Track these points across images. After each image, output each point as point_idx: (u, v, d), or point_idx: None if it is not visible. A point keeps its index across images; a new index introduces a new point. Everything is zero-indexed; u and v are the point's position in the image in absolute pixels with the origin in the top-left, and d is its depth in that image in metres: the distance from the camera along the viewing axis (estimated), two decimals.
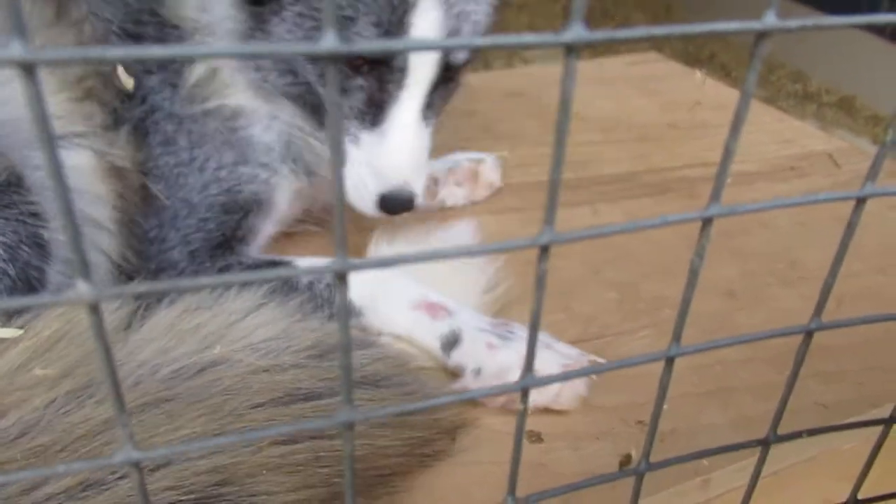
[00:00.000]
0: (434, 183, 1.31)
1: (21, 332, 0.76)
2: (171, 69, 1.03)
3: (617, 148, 1.55)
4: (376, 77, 0.93)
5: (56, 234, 0.88)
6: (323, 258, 1.06)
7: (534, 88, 1.79)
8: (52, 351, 0.73)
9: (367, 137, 0.95)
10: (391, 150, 0.95)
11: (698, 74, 1.95)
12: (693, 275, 0.39)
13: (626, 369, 0.93)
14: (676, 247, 1.18)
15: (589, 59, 2.18)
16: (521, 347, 0.88)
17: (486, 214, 1.31)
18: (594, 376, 0.89)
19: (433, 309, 0.95)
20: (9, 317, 0.79)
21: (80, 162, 0.96)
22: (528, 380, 0.42)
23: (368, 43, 0.40)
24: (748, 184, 1.43)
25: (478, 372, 0.90)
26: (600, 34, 0.31)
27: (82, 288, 0.30)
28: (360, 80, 0.93)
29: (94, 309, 0.31)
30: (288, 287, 0.99)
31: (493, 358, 0.90)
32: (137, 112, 1.02)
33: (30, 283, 0.83)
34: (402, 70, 0.92)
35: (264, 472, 0.66)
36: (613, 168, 1.47)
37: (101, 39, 1.02)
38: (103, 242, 0.99)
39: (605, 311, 1.07)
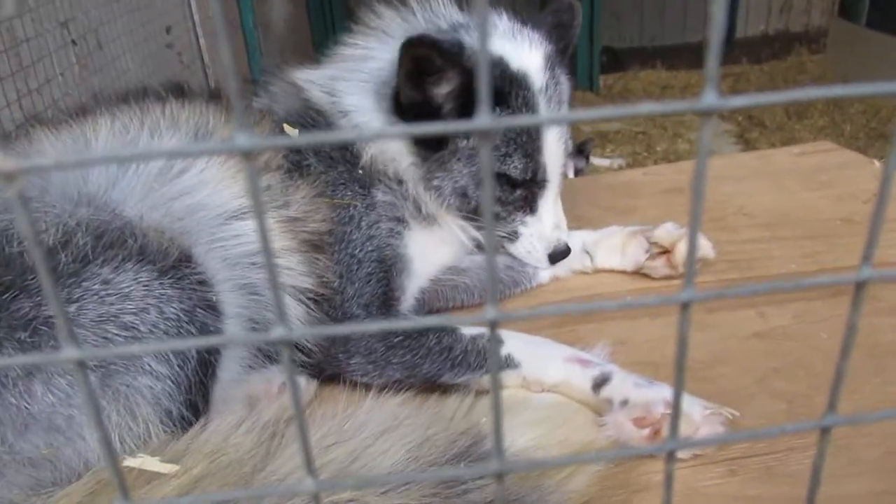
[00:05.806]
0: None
1: (177, 468, 0.84)
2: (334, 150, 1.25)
3: (785, 245, 1.48)
4: (528, 187, 1.32)
5: (223, 296, 1.01)
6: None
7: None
8: (197, 488, 0.81)
9: (531, 220, 1.36)
10: (550, 226, 1.37)
11: (877, 164, 1.83)
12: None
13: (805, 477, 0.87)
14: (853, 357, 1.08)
15: (752, 151, 2.11)
16: (665, 389, 0.99)
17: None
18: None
19: (584, 362, 1.09)
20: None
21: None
22: (674, 443, 0.42)
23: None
24: None
25: (625, 403, 0.99)
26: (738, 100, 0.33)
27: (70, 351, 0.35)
28: (519, 191, 1.31)
29: (82, 365, 0.35)
30: (453, 339, 1.14)
31: (639, 392, 0.99)
32: (310, 179, 1.22)
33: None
34: (544, 180, 1.31)
35: None
36: (781, 267, 1.40)
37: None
38: (288, 279, 1.12)
39: (773, 424, 1.00)
